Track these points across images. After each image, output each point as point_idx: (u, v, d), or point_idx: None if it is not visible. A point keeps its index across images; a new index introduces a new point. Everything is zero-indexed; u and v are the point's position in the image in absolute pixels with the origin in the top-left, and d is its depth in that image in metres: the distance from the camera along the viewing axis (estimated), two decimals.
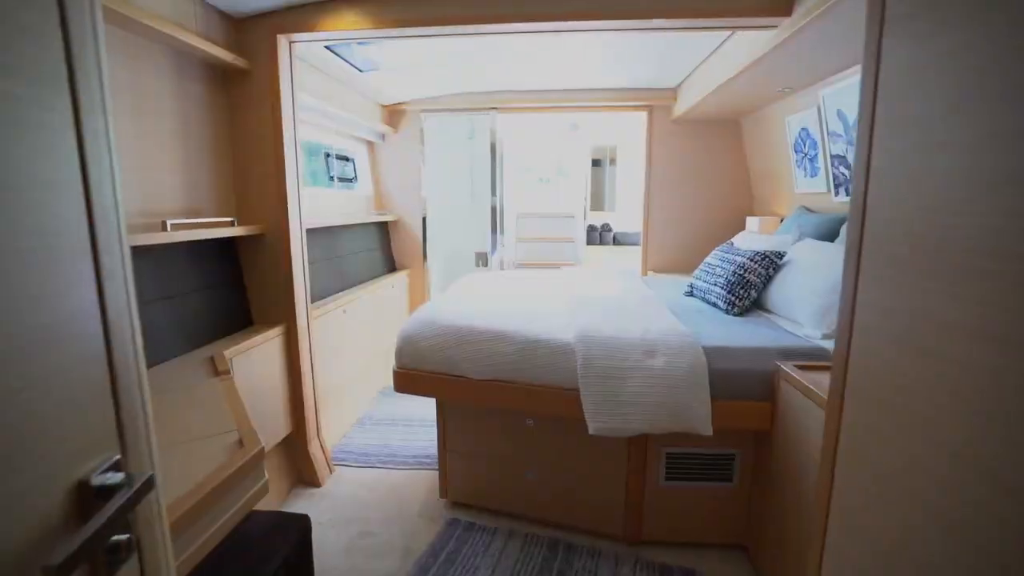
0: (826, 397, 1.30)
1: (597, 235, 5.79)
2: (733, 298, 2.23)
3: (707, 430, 1.57)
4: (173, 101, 1.79)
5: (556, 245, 5.53)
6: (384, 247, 3.99)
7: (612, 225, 5.86)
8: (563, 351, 1.74)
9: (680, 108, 3.52)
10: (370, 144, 3.91)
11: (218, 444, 1.12)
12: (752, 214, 3.75)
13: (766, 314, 2.23)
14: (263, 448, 1.10)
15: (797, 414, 1.51)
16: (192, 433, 1.18)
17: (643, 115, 3.79)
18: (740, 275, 2.26)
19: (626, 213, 5.88)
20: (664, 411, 1.58)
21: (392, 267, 4.09)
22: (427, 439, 2.74)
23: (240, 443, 1.11)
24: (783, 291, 2.13)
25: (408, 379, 1.95)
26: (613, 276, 2.91)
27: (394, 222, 4.09)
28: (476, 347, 1.83)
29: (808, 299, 1.91)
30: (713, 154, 3.78)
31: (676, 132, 3.78)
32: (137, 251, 1.62)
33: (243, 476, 1.04)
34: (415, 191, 4.04)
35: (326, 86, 2.85)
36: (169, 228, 1.64)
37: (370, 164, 3.94)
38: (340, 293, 3.03)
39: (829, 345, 1.72)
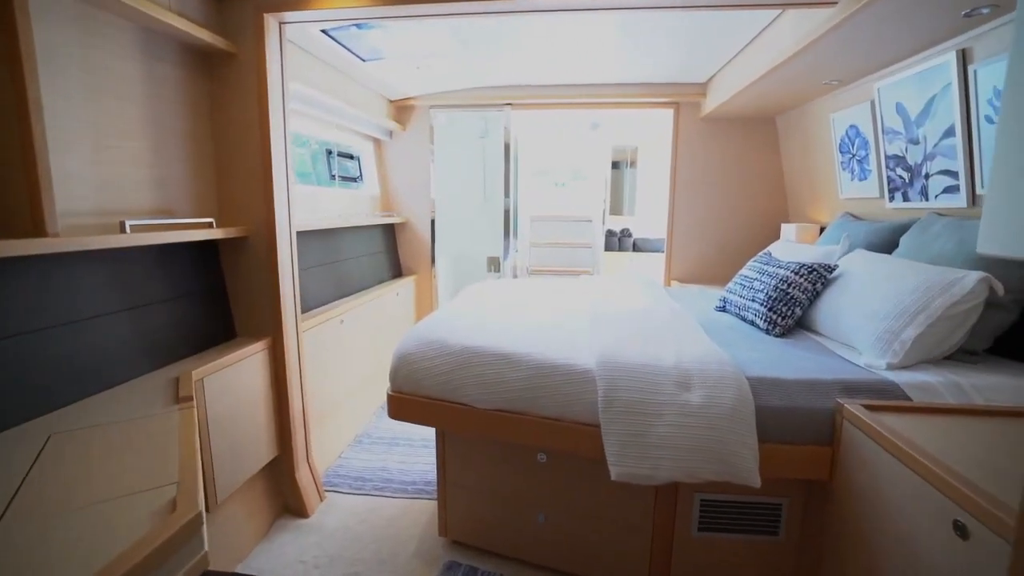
0: (906, 449, 1.03)
1: (616, 241, 5.49)
2: (775, 316, 1.96)
3: (755, 481, 1.31)
4: (141, 85, 1.58)
5: (572, 251, 5.26)
6: (390, 251, 3.77)
7: (632, 230, 5.57)
8: (582, 379, 1.49)
9: (710, 105, 3.25)
10: (376, 141, 3.70)
11: (149, 503, 0.89)
12: (787, 221, 3.46)
13: (811, 335, 1.96)
14: (200, 513, 0.86)
15: (865, 463, 1.25)
16: (121, 485, 0.95)
17: (669, 112, 3.53)
18: (783, 290, 1.99)
19: (647, 218, 5.58)
20: (702, 457, 1.32)
21: (398, 272, 3.87)
22: (428, 462, 2.51)
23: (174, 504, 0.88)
24: (834, 310, 1.85)
25: (403, 405, 1.71)
26: (636, 287, 2.65)
27: (401, 224, 3.88)
28: (481, 371, 1.58)
29: (868, 322, 1.64)
30: (744, 155, 3.50)
31: (704, 131, 3.51)
32: (90, 256, 1.41)
33: (170, 552, 0.81)
34: (424, 192, 3.82)
35: (327, 77, 2.64)
36: (128, 230, 1.42)
37: (376, 163, 3.73)
38: (339, 301, 2.81)
39: (897, 378, 1.45)
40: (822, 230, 2.95)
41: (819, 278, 1.95)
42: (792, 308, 1.95)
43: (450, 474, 1.87)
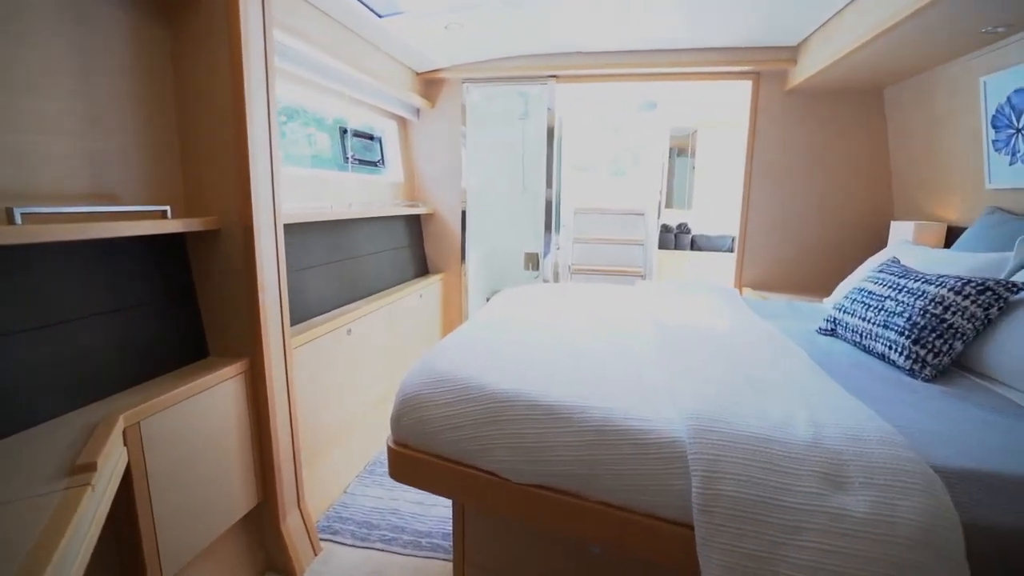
0: None
1: (671, 237, 4.87)
2: (923, 352, 1.40)
3: None
4: (63, 27, 1.16)
5: (622, 248, 4.69)
6: (415, 246, 3.33)
7: (690, 226, 4.94)
8: (666, 453, 0.99)
9: (801, 74, 2.65)
10: (401, 120, 3.26)
11: None
12: (894, 218, 2.82)
13: (973, 377, 1.40)
14: None
15: None
16: None
17: (747, 84, 2.93)
18: (936, 316, 1.43)
19: (708, 211, 4.94)
20: None
21: (424, 270, 3.43)
22: (448, 504, 2.06)
23: None
24: (1021, 348, 1.29)
25: (408, 464, 1.26)
26: (711, 297, 2.11)
27: (428, 216, 3.43)
28: (517, 430, 1.11)
29: None
30: (839, 137, 2.88)
31: (790, 107, 2.91)
32: None
33: None
34: (455, 179, 3.36)
35: (336, 37, 2.20)
36: (19, 220, 1.01)
37: (401, 145, 3.29)
38: (349, 306, 2.39)
39: None
40: (950, 231, 2.33)
41: (996, 300, 1.38)
42: (950, 342, 1.39)
43: (470, 552, 1.41)
